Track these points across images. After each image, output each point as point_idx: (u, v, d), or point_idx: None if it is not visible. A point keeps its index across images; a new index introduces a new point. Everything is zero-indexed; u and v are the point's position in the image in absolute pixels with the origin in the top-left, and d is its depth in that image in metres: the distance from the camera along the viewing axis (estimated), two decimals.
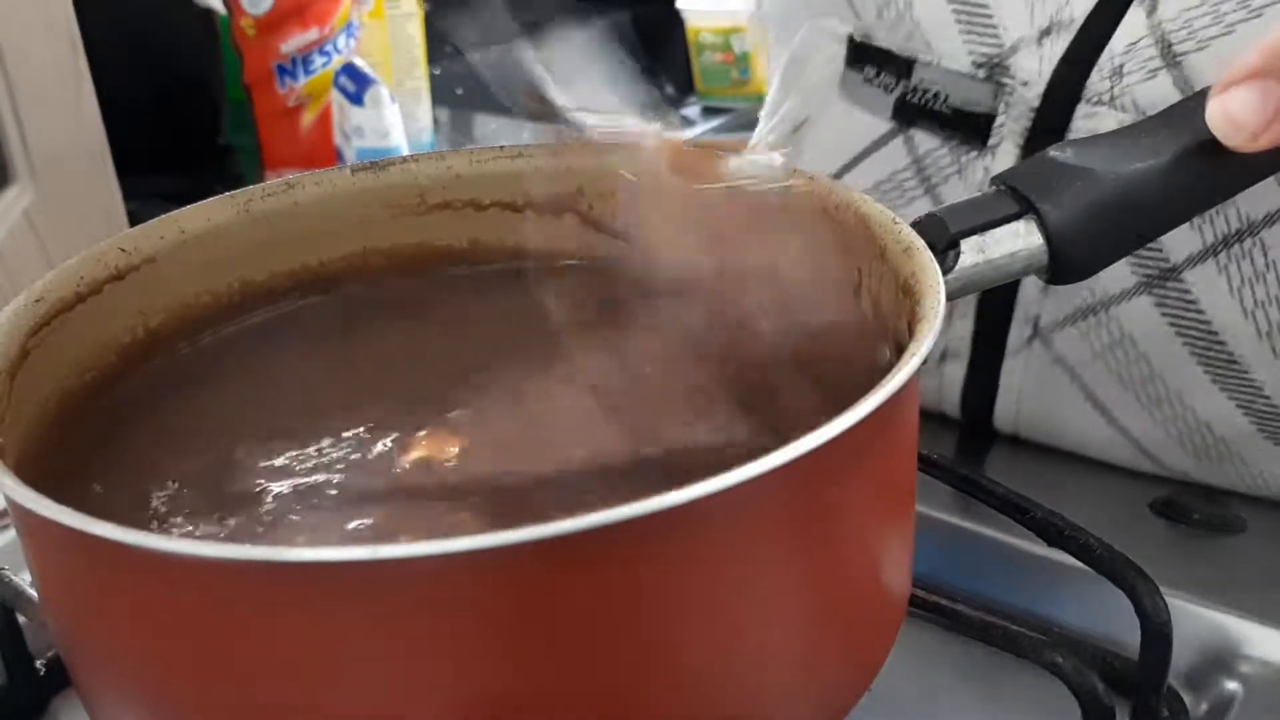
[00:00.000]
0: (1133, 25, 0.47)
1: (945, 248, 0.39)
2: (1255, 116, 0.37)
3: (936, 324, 0.34)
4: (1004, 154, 0.50)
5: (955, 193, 0.52)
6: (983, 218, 0.39)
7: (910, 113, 0.53)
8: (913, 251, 0.37)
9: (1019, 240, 0.39)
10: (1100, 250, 0.41)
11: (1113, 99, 0.47)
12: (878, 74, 0.54)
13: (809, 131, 0.57)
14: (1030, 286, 0.52)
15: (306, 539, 0.34)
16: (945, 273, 0.37)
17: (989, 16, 0.50)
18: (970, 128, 0.51)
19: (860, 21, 0.55)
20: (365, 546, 0.27)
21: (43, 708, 0.45)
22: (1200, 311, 0.48)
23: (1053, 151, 0.41)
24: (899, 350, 0.37)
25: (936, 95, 0.52)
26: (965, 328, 0.54)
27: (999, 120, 0.50)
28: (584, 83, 0.41)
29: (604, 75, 0.41)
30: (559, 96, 0.41)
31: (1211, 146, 0.38)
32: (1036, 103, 0.49)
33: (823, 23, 0.57)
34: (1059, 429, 0.54)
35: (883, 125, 0.54)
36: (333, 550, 0.27)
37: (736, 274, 0.43)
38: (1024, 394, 0.54)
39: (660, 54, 1.35)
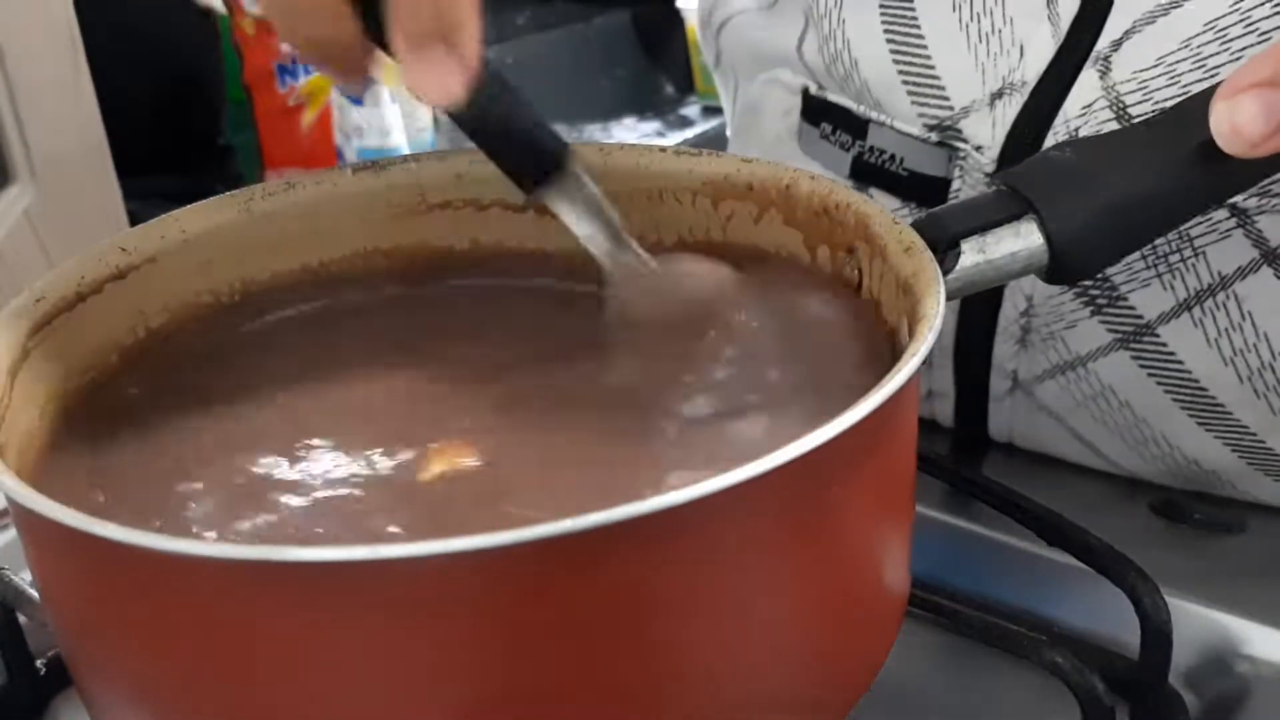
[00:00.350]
0: (1086, 87, 0.46)
1: (946, 248, 0.39)
2: (1258, 125, 0.37)
3: (937, 323, 0.34)
4: None
5: None
6: (983, 218, 0.39)
7: (868, 173, 0.52)
8: (913, 251, 0.37)
9: (1019, 240, 0.39)
10: (1100, 250, 0.41)
11: None
12: (834, 131, 0.53)
13: None
14: (1004, 344, 0.51)
15: (306, 537, 0.34)
16: (946, 273, 0.38)
17: (936, 78, 0.49)
18: (927, 192, 0.50)
19: (814, 77, 0.54)
20: (365, 546, 0.27)
21: (43, 708, 0.45)
22: (1180, 363, 0.47)
23: (1053, 152, 0.41)
24: (899, 350, 0.37)
25: (892, 157, 0.51)
26: (946, 376, 0.54)
27: (955, 186, 0.50)
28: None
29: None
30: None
31: (1211, 149, 0.38)
32: (991, 168, 0.48)
33: (776, 74, 0.56)
34: (1053, 453, 0.54)
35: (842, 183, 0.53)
36: (333, 550, 0.27)
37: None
38: (1014, 428, 0.54)
39: (660, 54, 1.36)
